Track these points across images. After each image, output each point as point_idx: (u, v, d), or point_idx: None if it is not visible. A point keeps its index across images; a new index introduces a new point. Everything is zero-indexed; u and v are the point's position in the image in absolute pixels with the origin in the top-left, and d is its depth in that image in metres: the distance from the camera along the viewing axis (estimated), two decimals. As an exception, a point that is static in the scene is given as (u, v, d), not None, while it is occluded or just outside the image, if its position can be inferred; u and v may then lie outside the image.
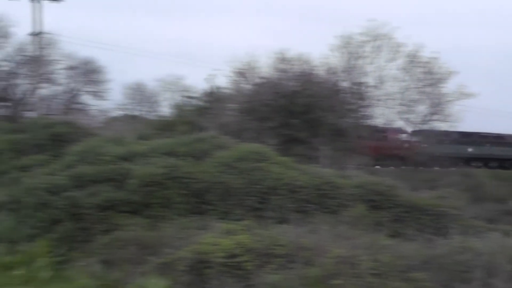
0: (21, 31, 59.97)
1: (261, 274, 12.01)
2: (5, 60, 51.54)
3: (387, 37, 39.35)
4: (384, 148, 40.75)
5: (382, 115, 40.36)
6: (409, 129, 43.08)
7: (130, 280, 12.45)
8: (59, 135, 23.86)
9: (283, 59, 34.29)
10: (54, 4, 48.10)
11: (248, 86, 34.65)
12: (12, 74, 51.35)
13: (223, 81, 37.96)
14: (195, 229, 14.49)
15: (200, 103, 37.16)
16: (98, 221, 15.51)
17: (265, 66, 35.19)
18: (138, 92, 61.84)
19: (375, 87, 39.34)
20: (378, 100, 39.57)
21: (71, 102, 52.60)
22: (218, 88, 37.19)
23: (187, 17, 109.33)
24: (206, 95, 38.09)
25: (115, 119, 47.39)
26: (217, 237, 13.24)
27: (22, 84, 51.46)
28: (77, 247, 14.74)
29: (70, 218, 15.67)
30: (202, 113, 33.16)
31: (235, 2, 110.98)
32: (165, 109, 53.38)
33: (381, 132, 41.28)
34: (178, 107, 39.19)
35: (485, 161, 50.30)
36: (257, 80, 34.25)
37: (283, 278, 11.81)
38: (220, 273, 12.08)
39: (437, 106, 41.40)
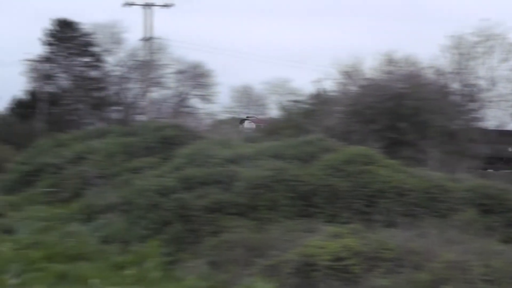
0: (133, 37, 61.60)
1: (369, 278, 11.88)
2: (118, 65, 53.16)
3: (501, 37, 38.17)
4: None
5: (494, 117, 39.16)
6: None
7: (237, 282, 12.54)
8: (169, 138, 24.33)
9: (389, 61, 33.79)
10: (165, 9, 49.27)
11: (354, 88, 34.34)
12: (124, 78, 52.88)
13: (329, 83, 37.79)
14: (301, 231, 14.47)
15: (306, 105, 37.13)
16: (206, 223, 15.69)
17: (371, 68, 34.81)
18: (245, 95, 62.46)
19: (486, 88, 38.25)
20: (490, 101, 38.44)
21: (180, 105, 53.68)
22: (324, 90, 37.06)
23: (293, 19, 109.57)
24: (312, 97, 38.03)
25: (223, 122, 48.02)
26: (323, 240, 13.19)
27: (133, 88, 52.92)
28: (185, 248, 14.97)
29: (179, 219, 15.93)
30: (308, 116, 33.12)
31: (340, 3, 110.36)
32: (272, 112, 53.70)
33: None
34: (285, 110, 39.27)
35: None
36: (363, 82, 33.90)
37: (392, 282, 11.65)
38: (327, 276, 12.02)
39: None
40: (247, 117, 50.32)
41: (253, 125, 47.41)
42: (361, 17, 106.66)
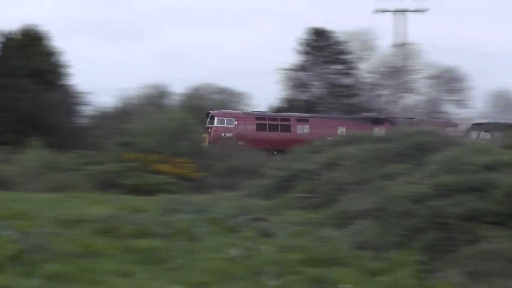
0: (384, 43, 61.65)
1: None
2: (370, 72, 53.53)
3: None
4: None
5: None
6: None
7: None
8: (422, 144, 23.97)
9: None
10: (418, 14, 48.77)
11: None
12: (375, 85, 53.12)
13: None
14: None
15: None
16: (461, 231, 15.26)
17: None
18: (502, 100, 60.01)
19: None
20: None
21: (433, 111, 52.80)
22: None
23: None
24: None
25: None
26: None
27: (385, 95, 52.97)
28: (439, 257, 14.66)
29: (432, 227, 15.64)
30: None
31: None
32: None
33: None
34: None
35: None
36: None
37: None
38: None
39: None
40: (210, 111, 47.74)
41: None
42: None
